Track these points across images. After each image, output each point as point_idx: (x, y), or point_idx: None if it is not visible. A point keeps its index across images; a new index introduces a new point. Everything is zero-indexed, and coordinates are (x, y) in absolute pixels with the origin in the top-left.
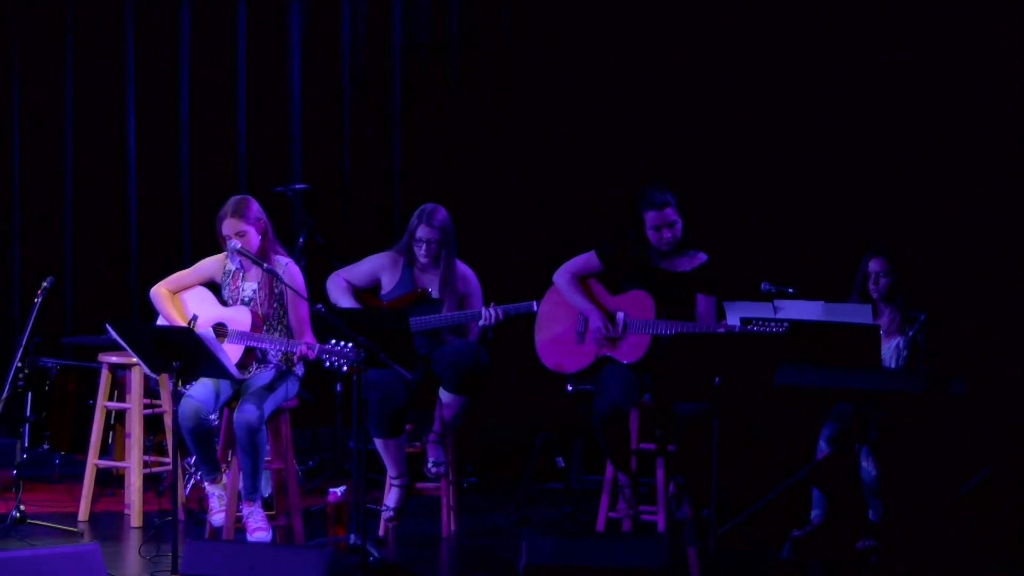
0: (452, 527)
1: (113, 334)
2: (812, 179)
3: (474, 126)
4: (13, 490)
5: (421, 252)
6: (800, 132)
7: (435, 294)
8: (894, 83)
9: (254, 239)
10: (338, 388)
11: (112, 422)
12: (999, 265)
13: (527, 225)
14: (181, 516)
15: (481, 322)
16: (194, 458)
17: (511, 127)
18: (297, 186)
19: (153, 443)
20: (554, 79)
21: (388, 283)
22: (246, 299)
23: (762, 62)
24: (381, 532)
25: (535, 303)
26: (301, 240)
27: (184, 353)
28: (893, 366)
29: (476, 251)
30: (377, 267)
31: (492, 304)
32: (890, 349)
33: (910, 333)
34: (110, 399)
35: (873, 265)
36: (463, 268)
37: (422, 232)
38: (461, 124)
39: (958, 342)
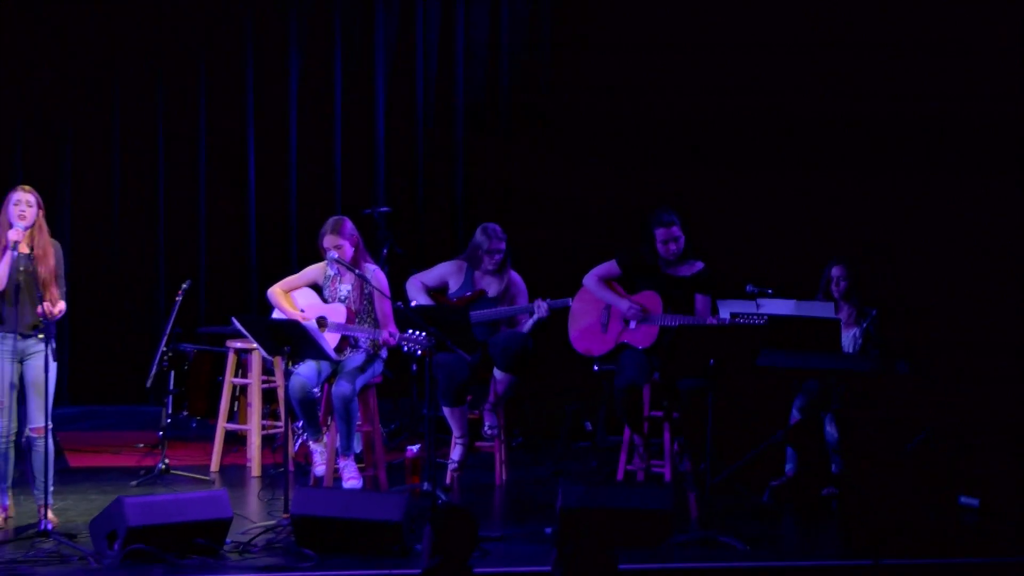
0: (503, 477)
1: (238, 325)
2: (785, 195)
3: (520, 157)
4: (159, 448)
5: (492, 261)
6: (771, 154)
7: (492, 294)
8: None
9: (348, 251)
10: (414, 368)
11: (237, 394)
12: (948, 265)
13: (559, 230)
14: (291, 468)
15: (536, 315)
16: (301, 422)
17: (552, 151)
18: (382, 209)
19: (269, 410)
20: (584, 112)
21: (454, 285)
22: (342, 298)
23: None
24: (448, 480)
25: (570, 300)
26: (385, 251)
27: (293, 340)
28: (851, 351)
29: (518, 254)
30: (446, 273)
31: (540, 299)
32: (848, 338)
33: (864, 325)
34: (236, 376)
35: (835, 271)
36: (512, 273)
37: (494, 245)
38: (512, 156)
39: (907, 331)
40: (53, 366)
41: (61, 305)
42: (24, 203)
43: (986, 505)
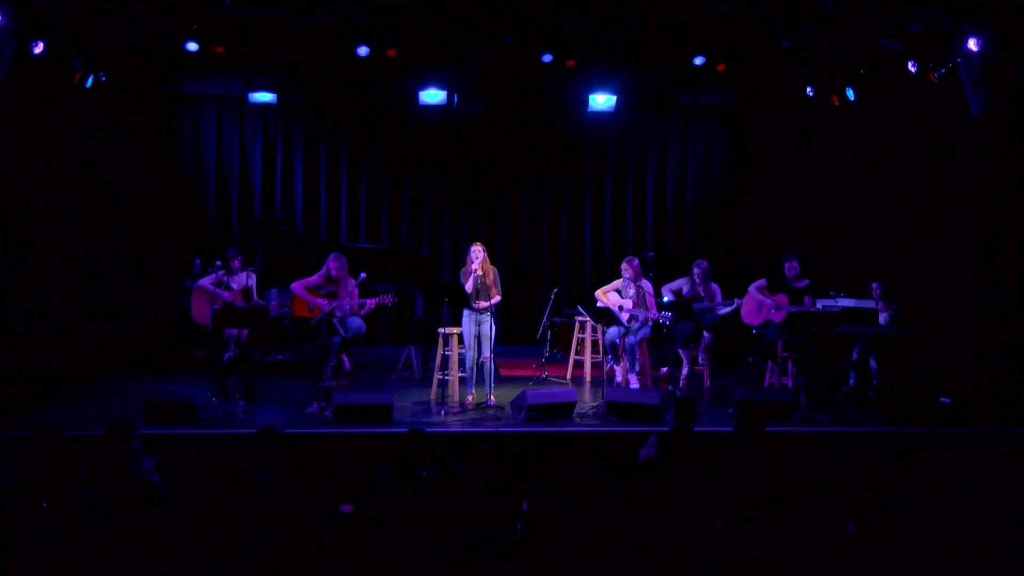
0: (708, 384)
1: (580, 309)
2: (851, 237)
3: (720, 224)
4: (543, 367)
5: (698, 278)
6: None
7: (703, 295)
8: None
9: (635, 273)
10: (664, 331)
11: (580, 341)
12: (945, 274)
13: (742, 262)
14: (604, 378)
15: (732, 308)
16: (610, 356)
17: (739, 224)
18: (649, 253)
19: (594, 350)
20: (752, 202)
21: (686, 291)
22: (630, 295)
23: None
24: (680, 384)
25: (738, 300)
26: (651, 274)
27: (606, 316)
28: (884, 324)
29: (718, 274)
30: (681, 284)
31: (736, 298)
32: (883, 318)
33: (890, 311)
34: (580, 333)
35: (874, 285)
36: (713, 284)
37: (696, 271)
38: (715, 225)
39: (916, 315)
40: (495, 328)
41: (497, 298)
42: (476, 251)
43: (954, 404)
